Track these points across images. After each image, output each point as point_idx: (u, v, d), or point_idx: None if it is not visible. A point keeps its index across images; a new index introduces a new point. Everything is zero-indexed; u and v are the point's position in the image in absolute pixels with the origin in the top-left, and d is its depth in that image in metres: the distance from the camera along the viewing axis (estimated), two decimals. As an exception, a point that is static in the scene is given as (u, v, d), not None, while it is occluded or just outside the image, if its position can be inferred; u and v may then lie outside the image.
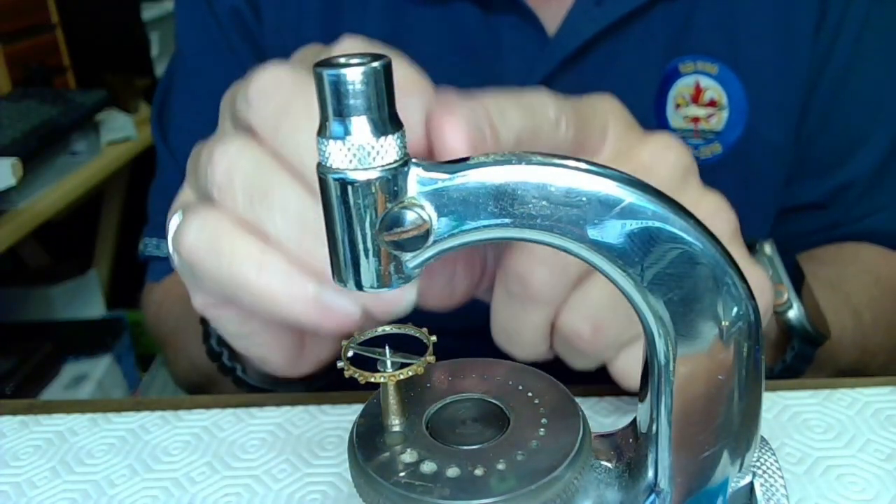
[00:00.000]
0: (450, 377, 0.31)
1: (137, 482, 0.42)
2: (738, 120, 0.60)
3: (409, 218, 0.24)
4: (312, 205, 0.32)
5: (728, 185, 0.60)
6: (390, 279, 0.25)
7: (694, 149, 0.60)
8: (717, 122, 0.60)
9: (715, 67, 0.60)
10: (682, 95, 0.60)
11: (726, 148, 0.60)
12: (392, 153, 0.23)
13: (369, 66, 0.22)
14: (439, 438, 0.28)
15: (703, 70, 0.60)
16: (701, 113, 0.60)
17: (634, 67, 0.59)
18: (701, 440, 0.27)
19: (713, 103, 0.60)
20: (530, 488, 0.25)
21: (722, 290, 0.25)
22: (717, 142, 0.60)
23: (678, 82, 0.60)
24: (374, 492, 0.26)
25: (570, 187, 0.24)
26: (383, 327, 0.30)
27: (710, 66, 0.60)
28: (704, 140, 0.60)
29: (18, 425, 0.47)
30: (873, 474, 0.39)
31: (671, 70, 0.60)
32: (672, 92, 0.60)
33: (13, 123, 1.29)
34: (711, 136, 0.60)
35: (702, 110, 0.60)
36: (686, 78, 0.60)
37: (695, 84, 0.60)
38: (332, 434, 0.44)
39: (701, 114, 0.60)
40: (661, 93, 0.60)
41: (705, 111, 0.60)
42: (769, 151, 0.61)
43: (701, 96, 0.60)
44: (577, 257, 0.25)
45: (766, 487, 0.28)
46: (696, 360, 0.26)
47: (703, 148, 0.60)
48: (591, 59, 0.59)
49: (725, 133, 0.60)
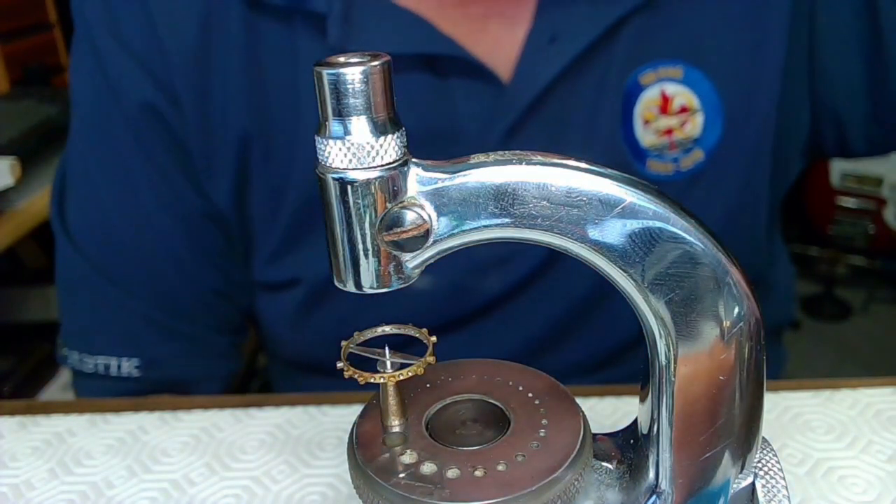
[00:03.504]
0: (450, 378, 0.31)
1: (136, 483, 0.42)
2: (714, 121, 0.56)
3: (409, 218, 0.24)
4: None
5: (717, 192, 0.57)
6: (390, 279, 0.25)
7: (673, 162, 0.56)
8: (692, 128, 0.56)
9: (679, 70, 0.55)
10: (648, 109, 0.55)
11: (708, 153, 0.56)
12: (392, 153, 0.23)
13: (369, 65, 0.22)
14: (439, 439, 0.28)
15: (666, 76, 0.55)
16: (673, 122, 0.55)
17: (595, 94, 0.55)
18: (702, 441, 0.27)
19: (684, 109, 0.55)
20: (531, 489, 0.25)
21: (723, 290, 0.25)
22: (697, 148, 0.56)
23: (642, 96, 0.55)
24: (373, 493, 0.26)
25: (571, 187, 0.24)
26: (383, 327, 0.30)
27: (674, 70, 0.55)
28: (683, 150, 0.56)
29: (17, 426, 0.47)
30: (875, 475, 0.39)
31: (632, 85, 0.55)
32: (637, 108, 0.55)
33: (11, 123, 1.28)
34: (690, 144, 0.56)
35: (673, 119, 0.55)
36: (650, 90, 0.55)
37: (660, 93, 0.55)
38: (331, 435, 0.44)
39: (673, 123, 0.55)
40: (625, 112, 0.55)
41: (677, 119, 0.55)
42: (753, 147, 0.58)
43: (669, 105, 0.55)
44: (577, 257, 0.25)
45: (768, 489, 0.28)
46: (697, 361, 0.26)
47: (683, 159, 0.56)
48: (553, 98, 0.54)
49: (704, 137, 0.56)
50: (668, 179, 0.56)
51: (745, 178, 0.59)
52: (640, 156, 0.56)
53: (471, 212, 0.24)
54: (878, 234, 2.19)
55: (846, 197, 2.20)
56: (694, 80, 0.55)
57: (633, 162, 0.56)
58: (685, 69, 0.55)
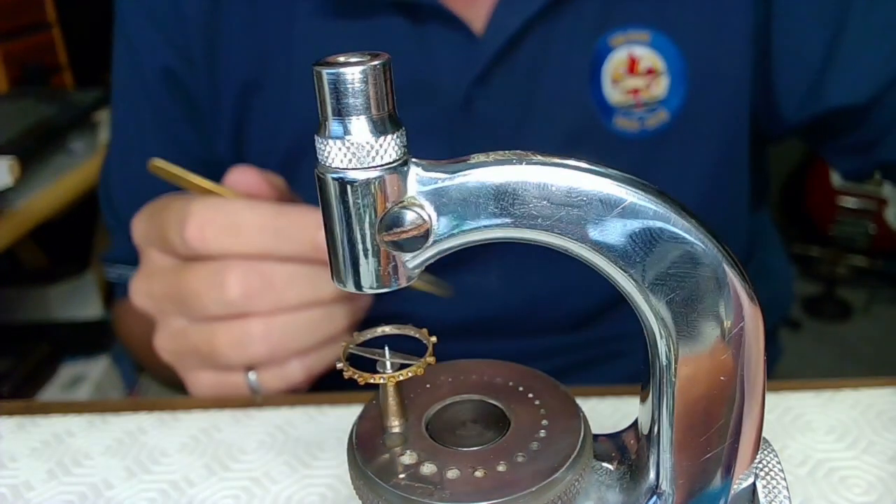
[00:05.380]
0: (450, 378, 0.31)
1: (135, 484, 0.42)
2: (679, 83, 0.59)
3: (409, 218, 0.24)
4: None
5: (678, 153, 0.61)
6: (390, 279, 0.25)
7: (639, 120, 0.60)
8: (658, 90, 0.59)
9: (646, 35, 0.59)
10: (616, 70, 0.59)
11: (673, 113, 0.60)
12: (391, 152, 0.23)
13: (368, 65, 0.22)
14: (439, 440, 0.28)
15: (634, 40, 0.59)
16: (640, 83, 0.59)
17: (564, 52, 0.59)
18: (703, 441, 0.27)
19: (651, 71, 0.59)
20: (531, 490, 0.25)
21: (724, 290, 0.25)
22: (662, 109, 0.60)
23: (610, 56, 0.59)
24: (373, 494, 0.26)
25: (571, 187, 0.24)
26: (383, 328, 0.30)
27: (641, 34, 0.59)
28: (649, 109, 0.60)
29: (15, 426, 0.47)
30: (876, 476, 0.39)
31: (601, 46, 0.59)
32: (606, 66, 0.59)
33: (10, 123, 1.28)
34: (654, 104, 0.60)
35: (640, 80, 0.59)
36: (618, 51, 0.59)
37: (628, 56, 0.59)
38: (331, 435, 0.44)
39: (640, 84, 0.59)
40: (594, 70, 0.59)
41: (644, 81, 0.59)
42: (724, 111, 0.61)
43: (636, 66, 0.59)
44: (577, 257, 0.25)
45: (769, 489, 0.28)
46: (697, 361, 0.26)
47: (648, 118, 0.60)
48: (523, 51, 0.58)
49: (669, 99, 0.60)
50: (634, 137, 0.60)
51: (717, 142, 0.62)
52: (607, 112, 0.60)
53: (471, 212, 0.24)
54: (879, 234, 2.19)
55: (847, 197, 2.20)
56: (660, 44, 0.59)
57: (600, 117, 0.60)
58: (652, 34, 0.59)
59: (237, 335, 0.45)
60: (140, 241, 0.49)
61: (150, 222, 0.48)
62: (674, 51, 0.59)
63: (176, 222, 0.45)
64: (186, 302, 0.45)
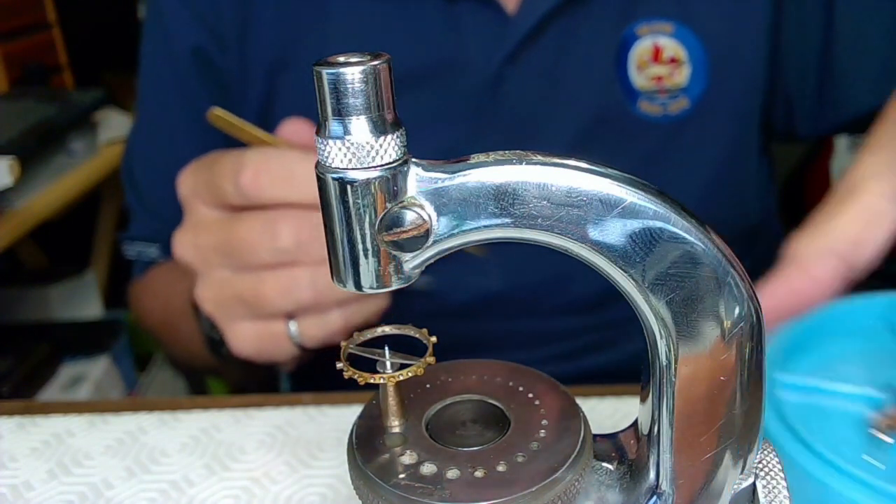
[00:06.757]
0: (450, 378, 0.31)
1: (135, 484, 0.42)
2: (700, 73, 0.63)
3: (409, 218, 0.24)
4: None
5: (696, 138, 0.64)
6: (390, 279, 0.25)
7: (661, 106, 0.63)
8: (680, 78, 0.63)
9: (670, 26, 0.62)
10: (641, 57, 0.62)
11: (694, 101, 0.63)
12: (391, 152, 0.23)
13: (368, 65, 0.22)
14: (439, 440, 0.28)
15: (658, 30, 0.62)
16: (663, 71, 0.63)
17: (592, 37, 0.62)
18: (703, 441, 0.27)
19: (674, 60, 0.63)
20: (531, 490, 0.25)
21: (724, 290, 0.25)
22: (683, 96, 0.63)
23: (636, 45, 0.62)
24: (373, 493, 0.26)
25: (571, 187, 0.24)
26: (383, 328, 0.30)
27: (665, 25, 0.62)
28: (671, 96, 0.63)
29: (15, 427, 0.47)
30: (875, 475, 0.39)
31: (628, 34, 0.62)
32: (631, 54, 0.62)
33: (10, 123, 1.28)
34: (677, 92, 0.63)
35: (664, 69, 0.63)
36: (643, 40, 0.62)
37: (653, 45, 0.62)
38: (331, 435, 0.44)
39: (663, 72, 0.63)
40: (620, 57, 0.62)
41: (667, 69, 0.63)
42: (739, 101, 0.64)
43: (660, 55, 0.62)
44: (577, 257, 0.25)
45: (769, 489, 0.28)
46: (698, 361, 0.26)
47: (671, 104, 0.63)
48: (550, 34, 0.61)
49: (690, 87, 0.63)
50: (657, 121, 0.63)
51: (732, 130, 0.65)
52: (632, 95, 0.63)
53: (471, 212, 0.24)
54: (878, 233, 2.19)
55: (846, 196, 2.20)
56: (683, 35, 0.63)
57: (625, 100, 0.63)
58: (675, 26, 0.62)
59: (284, 282, 0.45)
60: (187, 194, 0.49)
61: (200, 174, 0.48)
62: (695, 42, 0.62)
63: (230, 171, 0.45)
64: (236, 251, 0.45)
